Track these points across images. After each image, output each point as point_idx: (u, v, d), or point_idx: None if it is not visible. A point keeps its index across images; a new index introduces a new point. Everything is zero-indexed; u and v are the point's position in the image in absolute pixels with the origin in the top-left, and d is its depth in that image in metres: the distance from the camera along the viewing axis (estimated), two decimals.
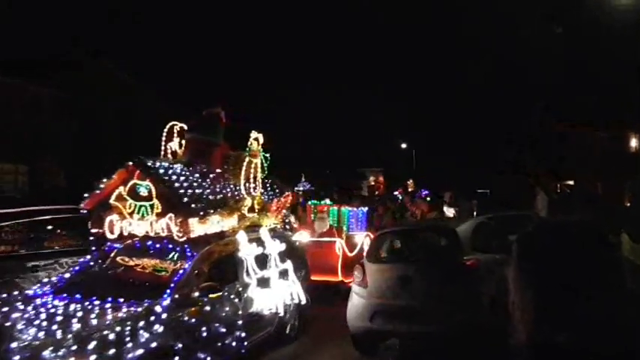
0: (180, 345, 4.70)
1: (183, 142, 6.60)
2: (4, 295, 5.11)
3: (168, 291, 5.10)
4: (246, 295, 5.94)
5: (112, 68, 26.95)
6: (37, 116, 24.30)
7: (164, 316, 4.80)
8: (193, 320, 5.07)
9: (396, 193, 27.60)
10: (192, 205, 5.50)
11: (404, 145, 38.45)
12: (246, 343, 5.71)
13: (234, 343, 5.51)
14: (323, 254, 8.64)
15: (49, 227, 9.07)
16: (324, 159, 36.05)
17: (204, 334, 5.15)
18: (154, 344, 4.44)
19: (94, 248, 5.93)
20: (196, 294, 5.24)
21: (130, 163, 5.66)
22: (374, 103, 48.98)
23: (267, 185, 7.14)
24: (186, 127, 6.58)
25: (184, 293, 5.16)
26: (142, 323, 4.61)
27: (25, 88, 24.07)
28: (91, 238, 5.95)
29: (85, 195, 5.85)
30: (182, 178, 5.84)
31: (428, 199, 25.05)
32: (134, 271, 5.70)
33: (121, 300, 4.89)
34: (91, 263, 5.81)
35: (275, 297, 6.34)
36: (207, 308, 5.28)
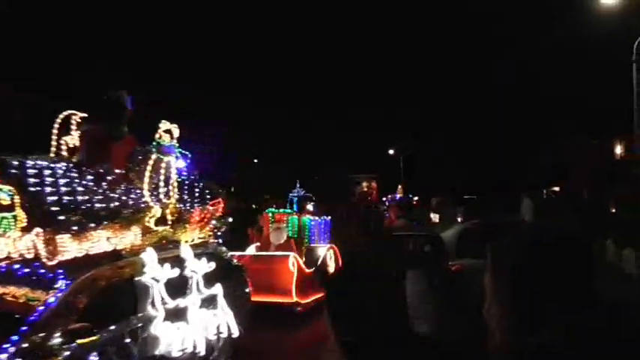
0: None
1: None
2: None
3: (15, 337, 3.45)
4: (147, 334, 4.30)
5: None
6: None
7: None
8: None
9: (384, 199, 26.09)
10: (62, 217, 3.84)
11: (391, 151, 36.57)
12: None
13: None
14: (273, 271, 6.93)
15: None
16: (316, 165, 34.38)
17: None
18: None
19: None
20: (57, 340, 3.59)
21: None
22: (363, 108, 47.43)
23: (197, 190, 5.48)
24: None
25: (38, 340, 3.51)
26: None
27: None
28: None
29: None
30: (62, 182, 4.18)
31: (414, 203, 23.56)
32: None
33: None
34: None
35: (193, 332, 4.71)
36: (77, 359, 3.63)
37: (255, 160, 30.76)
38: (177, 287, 4.79)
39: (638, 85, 18.50)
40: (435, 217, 17.72)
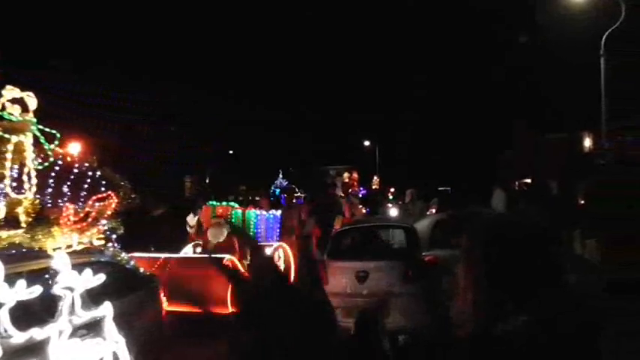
0: None
1: None
2: None
3: None
4: None
5: None
6: None
7: None
8: None
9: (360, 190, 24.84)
10: None
11: (367, 143, 35.08)
12: None
13: None
14: (204, 277, 5.41)
15: None
16: (289, 156, 32.71)
17: None
18: None
19: None
20: None
21: None
22: (337, 100, 46.03)
23: (87, 181, 4.01)
24: None
25: None
26: None
27: None
28: None
29: None
30: None
31: (389, 196, 22.38)
32: None
33: None
34: None
35: None
36: None
37: (231, 152, 29.06)
38: (39, 312, 3.34)
39: (606, 79, 17.60)
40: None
